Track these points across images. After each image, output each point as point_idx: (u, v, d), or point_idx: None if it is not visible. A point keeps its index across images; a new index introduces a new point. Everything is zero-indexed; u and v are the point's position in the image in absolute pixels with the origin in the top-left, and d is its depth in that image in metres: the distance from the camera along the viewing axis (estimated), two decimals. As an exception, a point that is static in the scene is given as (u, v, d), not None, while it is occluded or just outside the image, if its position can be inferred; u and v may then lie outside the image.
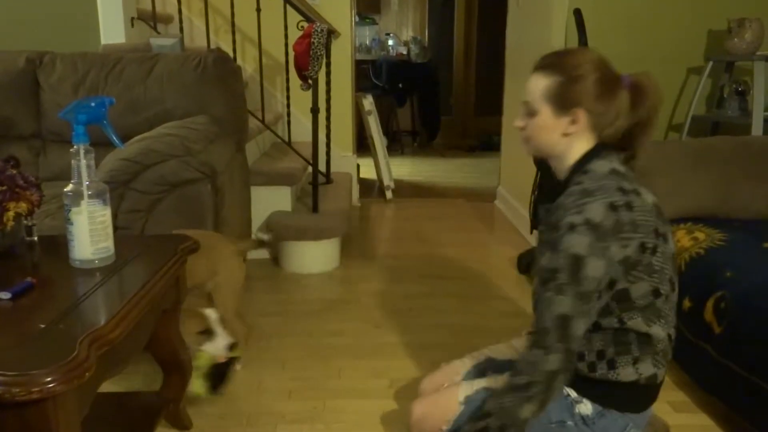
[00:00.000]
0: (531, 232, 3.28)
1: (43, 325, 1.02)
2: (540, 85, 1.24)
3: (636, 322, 1.21)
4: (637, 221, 1.16)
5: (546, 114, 1.24)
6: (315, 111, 2.99)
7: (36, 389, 0.86)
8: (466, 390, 1.42)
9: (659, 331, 1.24)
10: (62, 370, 0.89)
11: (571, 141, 1.25)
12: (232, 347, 1.65)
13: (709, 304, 1.75)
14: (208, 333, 1.64)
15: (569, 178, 1.26)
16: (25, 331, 1.01)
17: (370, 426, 1.74)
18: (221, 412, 1.78)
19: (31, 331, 1.01)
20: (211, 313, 1.65)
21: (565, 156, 1.27)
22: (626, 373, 1.26)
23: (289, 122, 3.36)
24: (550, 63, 1.25)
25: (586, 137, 1.25)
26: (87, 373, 0.93)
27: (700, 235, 2.00)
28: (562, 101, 1.22)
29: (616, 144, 1.28)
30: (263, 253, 3.14)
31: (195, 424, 1.71)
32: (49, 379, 0.87)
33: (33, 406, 0.88)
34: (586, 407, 1.33)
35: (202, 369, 1.69)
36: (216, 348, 1.64)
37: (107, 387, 1.38)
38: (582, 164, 1.25)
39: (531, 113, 1.27)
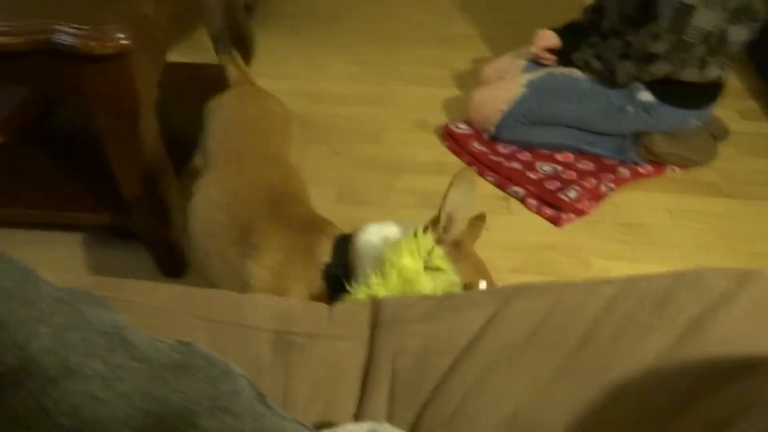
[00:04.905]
0: None
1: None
2: None
3: None
4: None
5: None
6: None
7: (110, 44, 0.89)
8: (528, 76, 1.41)
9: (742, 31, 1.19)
10: (134, 27, 0.91)
11: None
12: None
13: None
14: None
15: None
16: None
17: (429, 110, 1.78)
18: (284, 89, 1.84)
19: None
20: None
21: None
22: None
23: None
24: None
25: None
26: (157, 33, 0.95)
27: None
28: None
29: None
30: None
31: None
32: (121, 35, 0.90)
33: (111, 61, 0.92)
34: (647, 95, 1.33)
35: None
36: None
37: (176, 58, 1.42)
38: None
39: None
